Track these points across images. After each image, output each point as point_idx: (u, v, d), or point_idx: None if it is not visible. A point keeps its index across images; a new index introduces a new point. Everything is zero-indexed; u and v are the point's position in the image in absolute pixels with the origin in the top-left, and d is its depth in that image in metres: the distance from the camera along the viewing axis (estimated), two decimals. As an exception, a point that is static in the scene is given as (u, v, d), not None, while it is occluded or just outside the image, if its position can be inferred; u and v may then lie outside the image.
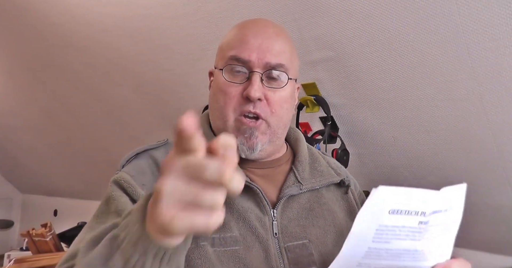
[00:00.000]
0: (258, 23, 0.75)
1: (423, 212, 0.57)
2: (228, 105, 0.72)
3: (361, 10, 1.32)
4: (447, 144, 1.53)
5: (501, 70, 1.24)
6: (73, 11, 2.06)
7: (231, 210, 0.71)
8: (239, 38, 0.73)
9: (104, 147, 3.05)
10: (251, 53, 0.71)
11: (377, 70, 1.46)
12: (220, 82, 0.73)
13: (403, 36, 1.32)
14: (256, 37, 0.72)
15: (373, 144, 1.73)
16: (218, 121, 0.75)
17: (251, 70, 0.71)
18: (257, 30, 0.73)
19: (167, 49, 1.96)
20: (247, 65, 0.71)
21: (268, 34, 0.73)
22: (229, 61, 0.72)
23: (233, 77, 0.72)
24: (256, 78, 0.71)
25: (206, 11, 1.67)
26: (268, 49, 0.71)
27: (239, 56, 0.71)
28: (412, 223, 0.57)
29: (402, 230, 0.57)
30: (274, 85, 0.73)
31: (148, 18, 1.86)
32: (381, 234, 0.57)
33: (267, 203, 0.73)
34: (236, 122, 0.73)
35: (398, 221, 0.56)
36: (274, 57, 0.72)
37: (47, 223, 2.54)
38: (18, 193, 4.56)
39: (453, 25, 1.21)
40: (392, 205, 0.55)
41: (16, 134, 3.62)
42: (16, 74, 2.98)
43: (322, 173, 0.82)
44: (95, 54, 2.28)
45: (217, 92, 0.74)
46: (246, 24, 0.76)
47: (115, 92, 2.49)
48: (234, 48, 0.72)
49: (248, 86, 0.71)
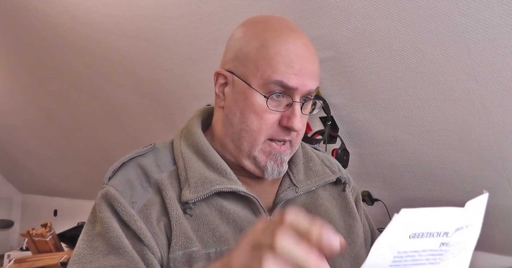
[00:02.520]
0: (297, 41, 0.70)
1: (446, 233, 0.52)
2: (262, 131, 0.68)
3: (361, 10, 1.32)
4: (447, 144, 1.53)
5: (501, 70, 1.24)
6: (73, 11, 2.06)
7: (228, 220, 0.68)
8: (283, 60, 0.67)
9: (104, 147, 3.05)
10: (298, 80, 0.67)
11: (377, 70, 1.46)
12: (256, 105, 0.68)
13: (403, 36, 1.32)
14: (301, 60, 0.67)
15: (373, 144, 1.73)
16: (243, 142, 0.70)
17: (294, 100, 0.68)
18: (301, 51, 0.69)
19: (167, 49, 1.96)
20: (289, 92, 0.67)
21: (310, 55, 0.70)
22: (274, 88, 0.67)
23: (274, 104, 0.68)
24: (298, 108, 0.68)
25: (206, 11, 1.67)
26: (310, 74, 0.68)
27: (286, 83, 0.66)
28: (433, 245, 0.52)
29: (422, 254, 0.52)
30: (307, 112, 0.72)
31: (148, 18, 1.86)
32: (399, 260, 0.51)
33: (263, 210, 0.71)
34: (266, 146, 0.70)
35: (419, 245, 0.51)
36: (314, 83, 0.70)
37: (47, 223, 2.54)
38: (18, 193, 4.55)
39: (453, 25, 1.21)
40: (414, 229, 0.50)
41: (16, 134, 3.62)
42: (16, 74, 2.98)
43: (317, 172, 0.80)
44: (95, 54, 2.28)
45: (250, 114, 0.68)
46: (286, 40, 0.69)
47: (115, 92, 2.49)
48: (279, 72, 0.66)
49: (290, 115, 0.67)
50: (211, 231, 0.66)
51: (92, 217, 0.68)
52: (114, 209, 0.65)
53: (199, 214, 0.67)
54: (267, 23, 0.71)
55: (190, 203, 0.66)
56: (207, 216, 0.67)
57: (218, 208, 0.68)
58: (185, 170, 0.69)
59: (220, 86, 0.73)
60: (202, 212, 0.67)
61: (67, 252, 2.43)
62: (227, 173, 0.70)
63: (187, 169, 0.69)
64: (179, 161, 0.71)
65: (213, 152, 0.72)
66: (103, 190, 0.68)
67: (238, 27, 0.74)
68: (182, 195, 0.67)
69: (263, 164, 0.70)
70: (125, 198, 0.66)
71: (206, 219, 0.67)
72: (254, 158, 0.70)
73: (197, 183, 0.67)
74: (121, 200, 0.65)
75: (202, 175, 0.69)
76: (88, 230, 0.67)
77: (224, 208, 0.69)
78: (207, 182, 0.68)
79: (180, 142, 0.74)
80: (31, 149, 3.64)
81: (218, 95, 0.73)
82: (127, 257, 0.62)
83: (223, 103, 0.73)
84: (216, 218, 0.68)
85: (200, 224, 0.67)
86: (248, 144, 0.70)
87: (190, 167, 0.70)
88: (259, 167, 0.71)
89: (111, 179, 0.69)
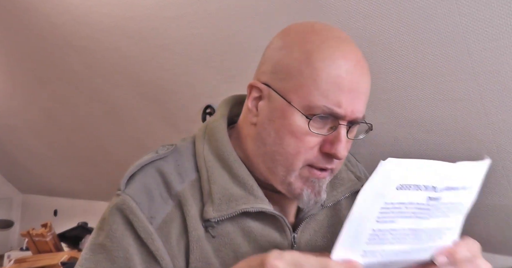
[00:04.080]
0: (349, 56, 0.60)
1: (434, 187, 0.51)
2: (301, 155, 0.60)
3: (361, 10, 1.32)
4: (447, 144, 1.53)
5: (501, 70, 1.24)
6: (73, 11, 2.06)
7: (249, 239, 0.63)
8: (334, 81, 0.58)
9: (104, 147, 3.05)
10: (348, 105, 0.58)
11: (377, 70, 1.46)
12: (295, 125, 0.59)
13: (403, 36, 1.32)
14: (352, 80, 0.59)
15: (373, 144, 1.73)
16: (277, 166, 0.62)
17: (340, 123, 0.59)
18: (352, 68, 0.59)
19: (167, 49, 1.96)
20: (336, 116, 0.59)
21: (362, 74, 0.61)
22: (319, 112, 0.58)
23: (316, 126, 0.59)
24: (344, 133, 0.59)
25: (206, 11, 1.67)
26: (361, 97, 0.61)
27: (334, 111, 0.58)
28: (420, 198, 0.50)
29: (408, 207, 0.50)
30: (352, 136, 0.64)
31: (148, 18, 1.86)
32: (386, 212, 0.49)
33: (288, 229, 0.65)
34: (304, 171, 0.62)
35: (405, 197, 0.49)
36: (363, 109, 0.62)
37: (47, 223, 2.54)
38: (18, 193, 4.55)
39: (453, 25, 1.21)
40: (401, 180, 0.48)
41: (16, 134, 3.62)
42: (16, 74, 2.98)
43: (343, 180, 0.73)
44: (95, 54, 2.28)
45: (287, 136, 0.60)
46: (335, 52, 0.59)
47: (115, 93, 2.49)
48: (327, 95, 0.58)
49: (334, 140, 0.59)
50: (233, 252, 0.62)
51: (100, 225, 0.63)
52: (131, 223, 0.60)
53: (222, 233, 0.62)
54: (312, 31, 0.62)
55: (213, 221, 0.61)
56: (229, 235, 0.62)
57: (241, 226, 0.63)
58: (208, 183, 0.63)
59: (254, 100, 0.64)
60: (225, 230, 0.62)
61: (67, 252, 2.43)
62: (253, 189, 0.63)
63: (210, 182, 0.63)
64: (202, 170, 0.64)
65: (239, 163, 0.65)
66: (119, 198, 0.62)
67: (278, 35, 0.65)
68: (204, 212, 0.61)
69: (298, 191, 0.62)
70: (143, 211, 0.60)
71: (229, 238, 0.62)
72: (289, 184, 0.62)
73: (221, 200, 0.61)
74: (139, 213, 0.60)
75: (228, 191, 0.62)
76: (94, 238, 0.63)
77: (247, 226, 0.63)
78: (233, 199, 0.62)
79: (203, 146, 0.67)
80: (31, 149, 3.64)
81: (250, 110, 0.64)
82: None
83: (255, 119, 0.64)
84: (238, 237, 0.63)
85: (222, 244, 0.62)
86: (283, 169, 0.61)
87: (214, 180, 0.63)
88: (293, 195, 0.63)
89: (128, 186, 0.62)
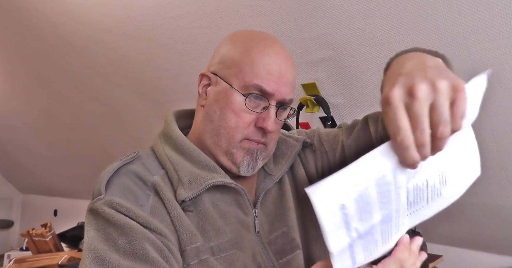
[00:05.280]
0: (280, 53, 0.74)
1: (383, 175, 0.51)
2: (239, 129, 0.72)
3: (361, 10, 1.32)
4: (447, 144, 1.53)
5: (501, 70, 1.24)
6: (73, 11, 2.06)
7: (220, 215, 0.72)
8: (264, 67, 0.72)
9: (104, 147, 3.05)
10: (276, 87, 0.72)
11: (377, 70, 1.46)
12: (236, 104, 0.73)
13: (403, 36, 1.32)
14: (280, 70, 0.73)
15: (373, 144, 1.73)
16: (221, 139, 0.74)
17: (270, 104, 0.73)
18: (281, 61, 0.74)
19: (167, 49, 1.96)
20: (266, 96, 0.72)
21: (289, 67, 0.74)
22: (253, 90, 0.72)
23: (252, 105, 0.72)
24: (273, 112, 0.73)
25: (206, 11, 1.67)
26: (287, 84, 0.74)
27: (265, 89, 0.71)
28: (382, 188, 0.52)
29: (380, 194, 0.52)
30: (282, 118, 0.77)
31: (148, 18, 1.86)
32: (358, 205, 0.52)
33: (249, 204, 0.75)
34: (244, 143, 0.74)
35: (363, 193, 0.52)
36: (290, 93, 0.75)
37: (47, 223, 2.54)
38: (18, 193, 4.56)
39: (453, 25, 1.21)
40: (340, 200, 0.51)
41: (16, 134, 3.62)
42: (16, 74, 2.98)
43: (283, 153, 0.83)
44: (95, 54, 2.28)
45: (229, 112, 0.73)
46: (269, 48, 0.74)
47: (115, 93, 2.49)
48: (260, 77, 0.71)
49: (265, 117, 0.72)
50: (211, 225, 0.70)
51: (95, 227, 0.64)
52: (126, 215, 0.63)
53: (198, 209, 0.70)
54: (253, 34, 0.77)
55: (187, 200, 0.69)
56: (203, 211, 0.71)
57: (211, 204, 0.72)
58: (175, 171, 0.72)
59: (204, 87, 0.78)
60: (199, 209, 0.71)
61: (67, 252, 2.43)
62: (216, 169, 0.73)
63: (177, 170, 0.72)
64: (167, 165, 0.73)
65: (198, 151, 0.75)
66: (105, 200, 0.64)
67: (225, 37, 0.80)
68: (177, 195, 0.69)
69: (239, 159, 0.73)
70: (131, 203, 0.65)
71: (203, 214, 0.70)
72: (232, 154, 0.74)
73: (190, 181, 0.70)
74: (129, 205, 0.64)
75: (193, 173, 0.71)
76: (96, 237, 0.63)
77: (216, 203, 0.73)
78: (199, 178, 0.70)
79: (163, 147, 0.76)
80: (31, 149, 3.64)
81: (200, 94, 0.78)
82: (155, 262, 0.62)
83: (204, 102, 0.77)
84: (212, 212, 0.71)
85: (201, 218, 0.70)
86: (226, 141, 0.73)
87: (180, 168, 0.72)
88: (235, 163, 0.74)
89: (107, 190, 0.66)
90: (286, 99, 0.74)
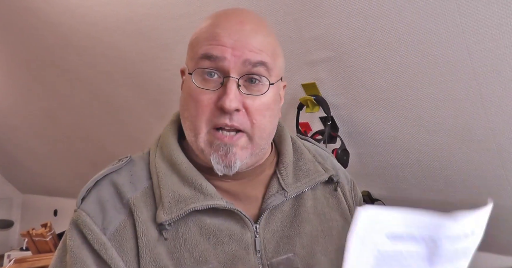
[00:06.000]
0: (231, 19, 0.63)
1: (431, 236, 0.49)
2: (201, 116, 0.61)
3: (361, 10, 1.32)
4: (447, 144, 1.53)
5: (501, 70, 1.24)
6: (73, 11, 2.06)
7: (208, 236, 0.63)
8: (210, 34, 0.61)
9: (104, 147, 3.05)
10: (225, 49, 0.59)
11: (377, 70, 1.46)
12: (190, 87, 0.62)
13: (403, 36, 1.32)
14: (230, 35, 0.60)
15: (373, 144, 1.73)
16: (189, 133, 0.64)
17: (226, 75, 0.60)
18: (230, 27, 0.61)
19: (167, 49, 1.96)
20: (221, 68, 0.60)
21: (245, 32, 0.61)
22: (200, 62, 0.61)
23: (205, 82, 0.61)
24: (231, 85, 0.59)
25: (206, 11, 1.67)
26: (245, 45, 0.60)
27: (210, 53, 0.59)
28: (417, 248, 0.49)
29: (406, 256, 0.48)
30: (254, 92, 0.62)
31: (148, 18, 1.86)
32: (382, 260, 0.47)
33: (248, 220, 0.65)
34: (209, 136, 0.62)
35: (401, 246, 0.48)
36: (253, 54, 0.60)
37: (47, 223, 2.54)
38: (18, 193, 4.55)
39: (453, 25, 1.21)
40: (387, 229, 0.46)
41: (16, 134, 3.62)
42: (16, 74, 2.98)
43: (307, 172, 0.73)
44: (95, 54, 2.28)
45: (187, 99, 0.63)
46: (218, 19, 0.64)
47: (115, 92, 2.49)
48: (203, 45, 0.61)
49: (223, 94, 0.59)
50: (189, 251, 0.61)
51: (63, 241, 0.64)
52: (85, 237, 0.61)
53: (176, 235, 0.62)
54: (216, 13, 0.67)
55: (166, 224, 0.61)
56: (184, 235, 0.62)
57: (197, 224, 0.63)
58: (159, 188, 0.64)
59: (182, 84, 0.69)
60: (179, 232, 0.62)
61: (67, 252, 2.43)
62: (203, 187, 0.63)
63: (161, 186, 0.63)
64: (153, 176, 0.66)
65: (188, 165, 0.66)
66: (75, 214, 0.63)
67: None
68: (157, 216, 0.61)
69: (208, 157, 0.62)
70: (96, 224, 0.61)
71: (183, 239, 0.62)
72: (202, 152, 0.63)
73: (170, 203, 0.61)
74: (92, 226, 0.61)
75: (176, 193, 0.63)
76: (56, 255, 0.64)
77: (204, 223, 0.63)
78: (181, 200, 0.62)
79: (155, 153, 0.69)
80: (31, 148, 3.64)
81: None
82: None
83: None
84: (195, 235, 0.62)
85: (177, 245, 0.62)
86: (194, 135, 0.62)
87: (164, 184, 0.64)
88: (207, 162, 0.63)
89: (84, 200, 0.64)
90: (252, 60, 0.60)
